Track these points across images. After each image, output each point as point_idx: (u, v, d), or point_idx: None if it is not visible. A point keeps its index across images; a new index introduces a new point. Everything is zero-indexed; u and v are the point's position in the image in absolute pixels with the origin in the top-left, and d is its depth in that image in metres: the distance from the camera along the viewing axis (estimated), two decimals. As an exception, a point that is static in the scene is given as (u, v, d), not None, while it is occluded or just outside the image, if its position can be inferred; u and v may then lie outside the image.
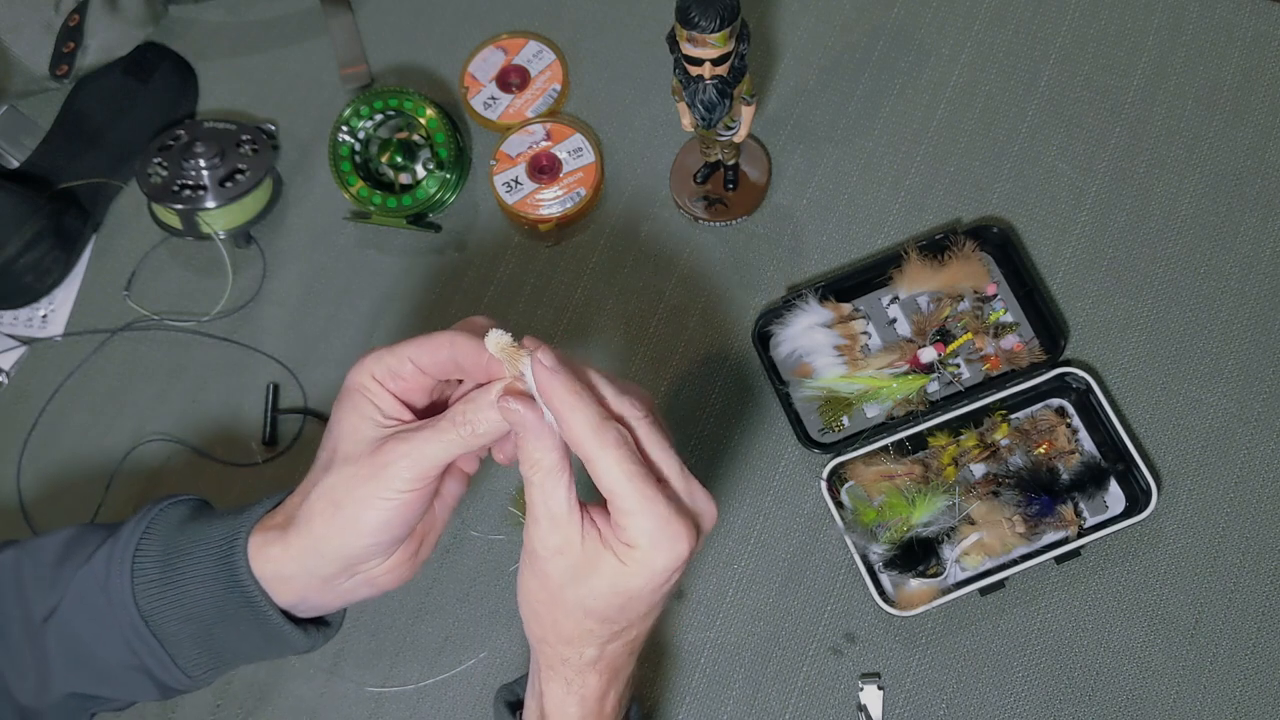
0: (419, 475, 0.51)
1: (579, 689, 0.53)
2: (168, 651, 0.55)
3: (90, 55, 0.93)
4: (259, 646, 0.56)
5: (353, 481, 0.51)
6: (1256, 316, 0.82)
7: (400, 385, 0.53)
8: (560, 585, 0.50)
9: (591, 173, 0.89)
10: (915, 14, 0.93)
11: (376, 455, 0.51)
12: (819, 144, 0.89)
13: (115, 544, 0.55)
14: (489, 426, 0.51)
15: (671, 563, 0.48)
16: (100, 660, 0.55)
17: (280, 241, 0.91)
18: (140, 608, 0.54)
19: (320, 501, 0.52)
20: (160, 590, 0.54)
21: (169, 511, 0.57)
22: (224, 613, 0.54)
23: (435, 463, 0.51)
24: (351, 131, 0.89)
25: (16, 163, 0.93)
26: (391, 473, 0.51)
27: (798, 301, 0.81)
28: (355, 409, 0.52)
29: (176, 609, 0.54)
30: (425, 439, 0.51)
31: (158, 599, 0.54)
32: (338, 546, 0.52)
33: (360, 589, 0.55)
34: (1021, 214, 0.86)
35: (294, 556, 0.53)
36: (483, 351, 0.51)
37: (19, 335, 0.89)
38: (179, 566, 0.54)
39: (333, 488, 0.52)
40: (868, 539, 0.76)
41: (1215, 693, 0.73)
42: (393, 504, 0.51)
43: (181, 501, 0.58)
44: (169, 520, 0.56)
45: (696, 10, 0.66)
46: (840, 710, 0.75)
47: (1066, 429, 0.79)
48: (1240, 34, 0.90)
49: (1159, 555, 0.77)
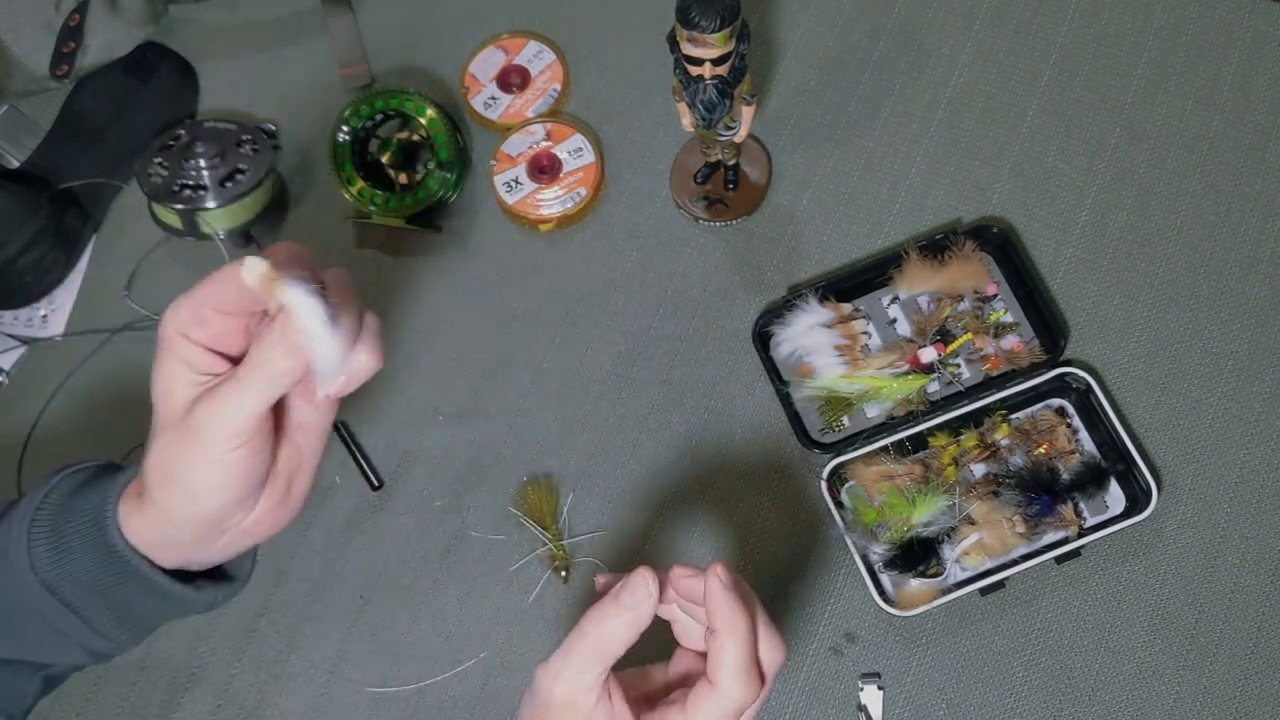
0: (237, 431, 0.48)
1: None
2: (79, 616, 0.54)
3: (90, 55, 0.93)
4: (161, 608, 0.55)
5: (174, 449, 0.49)
6: (1256, 316, 0.82)
7: (208, 333, 0.49)
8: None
9: (592, 173, 0.89)
10: (915, 14, 0.93)
11: (189, 419, 0.48)
12: (819, 144, 0.89)
13: (13, 515, 0.54)
14: (288, 363, 0.47)
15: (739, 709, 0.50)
16: (20, 627, 0.55)
17: (280, 241, 0.90)
18: (39, 576, 0.53)
19: (154, 475, 0.50)
20: (53, 560, 0.53)
21: (67, 480, 0.56)
22: (115, 578, 0.53)
23: (249, 414, 0.48)
24: (351, 131, 0.89)
25: (16, 163, 0.93)
26: (207, 435, 0.48)
27: (798, 301, 0.82)
28: (166, 368, 0.49)
29: (70, 578, 0.53)
30: (230, 392, 0.48)
31: (53, 569, 0.53)
32: (187, 514, 0.51)
33: (238, 541, 0.53)
34: (1021, 214, 0.86)
35: (153, 526, 0.52)
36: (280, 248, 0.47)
37: (19, 335, 0.89)
38: (65, 535, 0.53)
39: (160, 458, 0.50)
40: (868, 539, 0.76)
41: (1215, 693, 0.73)
42: (222, 465, 0.49)
43: (82, 468, 0.56)
44: (64, 489, 0.55)
45: (697, 10, 0.66)
46: (840, 710, 0.75)
47: (1066, 429, 0.79)
48: (1240, 34, 0.90)
49: (1159, 555, 0.77)
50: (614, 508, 0.80)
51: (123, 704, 0.77)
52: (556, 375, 0.85)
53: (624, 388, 0.84)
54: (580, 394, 0.84)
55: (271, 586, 0.80)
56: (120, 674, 0.78)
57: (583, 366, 0.85)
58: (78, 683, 0.77)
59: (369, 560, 0.80)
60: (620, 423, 0.83)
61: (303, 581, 0.80)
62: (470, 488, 0.82)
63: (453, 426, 0.84)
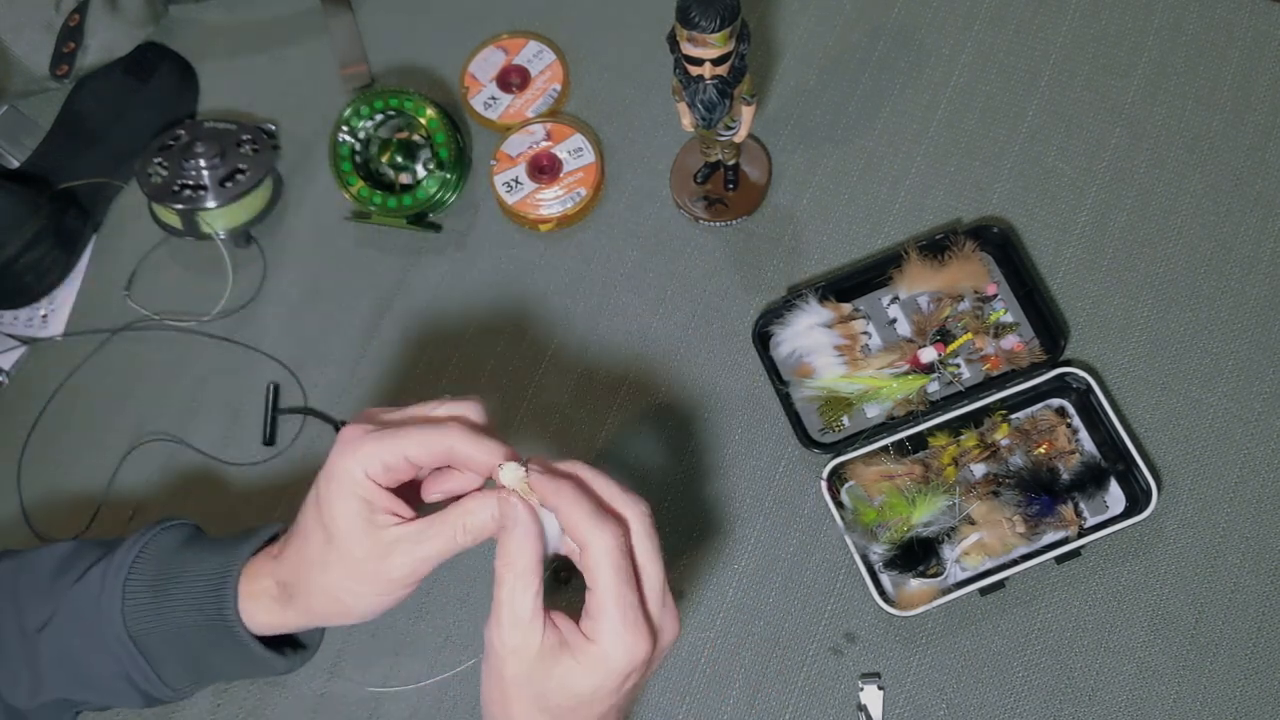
0: (418, 575, 0.53)
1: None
2: (153, 668, 0.58)
3: (90, 55, 0.93)
4: (240, 669, 0.59)
5: (355, 582, 0.54)
6: (1256, 316, 0.82)
7: (392, 477, 0.53)
8: (515, 683, 0.50)
9: (592, 173, 0.89)
10: (915, 14, 0.93)
11: (381, 565, 0.53)
12: (819, 144, 0.89)
13: (110, 564, 0.58)
14: (483, 530, 0.52)
15: (626, 664, 0.49)
16: (90, 671, 0.59)
17: (280, 241, 0.91)
18: (129, 627, 0.57)
19: (321, 596, 0.55)
20: (149, 614, 0.57)
21: (163, 536, 0.60)
22: (209, 640, 0.57)
23: (432, 564, 0.53)
24: (352, 131, 0.89)
25: (16, 163, 0.93)
26: (395, 578, 0.53)
27: (798, 301, 0.81)
28: (349, 502, 0.52)
29: (163, 632, 0.57)
30: (427, 543, 0.52)
31: (146, 621, 0.57)
32: (332, 620, 0.57)
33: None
34: (1021, 214, 0.86)
35: (288, 622, 0.57)
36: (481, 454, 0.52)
37: (19, 335, 0.89)
38: (169, 593, 0.57)
39: (334, 586, 0.54)
40: (868, 539, 0.76)
41: (1215, 693, 0.73)
42: (391, 598, 0.55)
43: (176, 526, 0.61)
44: (163, 545, 0.59)
45: (697, 10, 0.66)
46: (840, 710, 0.75)
47: (1066, 429, 0.79)
48: (1240, 34, 0.90)
49: (1159, 555, 0.77)
50: (614, 508, 0.80)
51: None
52: (557, 375, 0.85)
53: (624, 388, 0.84)
54: (580, 394, 0.84)
55: (271, 586, 0.80)
56: (120, 674, 0.78)
57: (583, 367, 0.85)
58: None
59: (369, 560, 0.80)
60: (620, 423, 0.83)
61: (303, 581, 0.80)
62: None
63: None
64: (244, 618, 0.56)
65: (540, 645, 0.49)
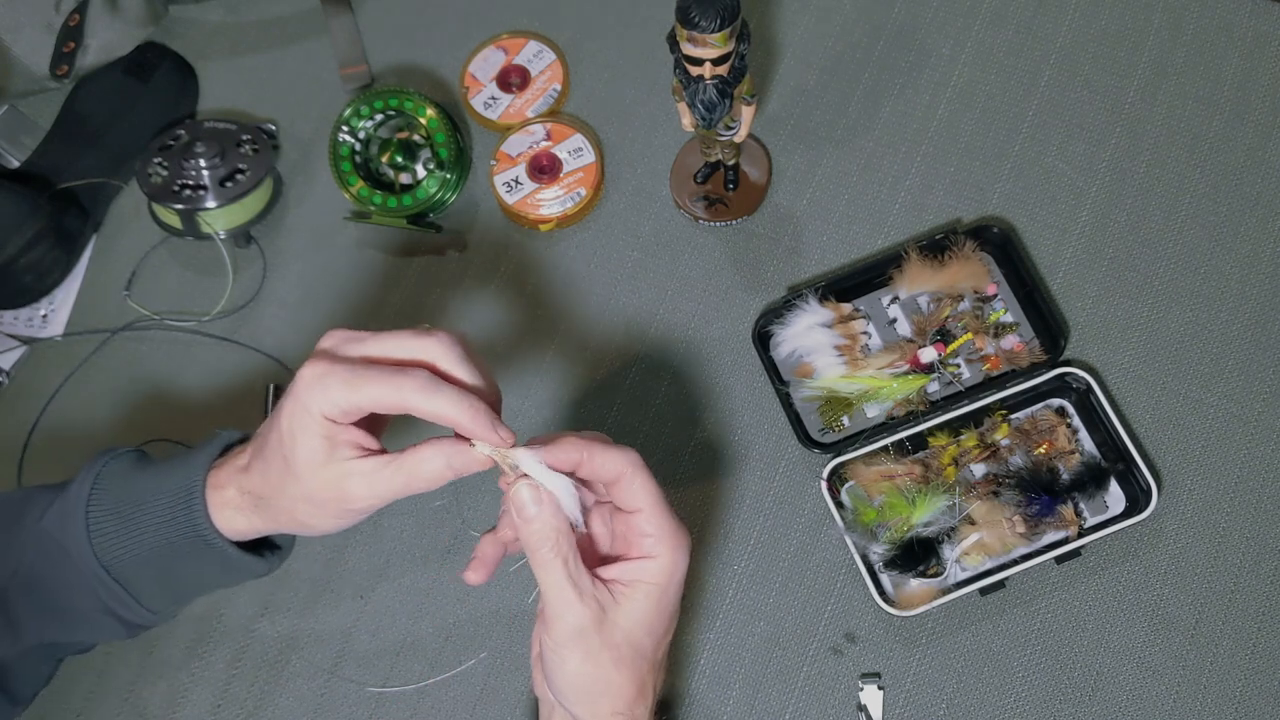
0: (376, 506, 0.56)
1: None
2: (130, 594, 0.59)
3: (90, 55, 0.93)
4: (219, 577, 0.61)
5: (314, 505, 0.55)
6: (1256, 316, 0.82)
7: (351, 419, 0.54)
8: (610, 644, 0.53)
9: (592, 173, 0.89)
10: (915, 14, 0.93)
11: (338, 494, 0.54)
12: (819, 144, 0.89)
13: (66, 501, 0.59)
14: (437, 477, 0.54)
15: (685, 563, 0.55)
16: (70, 609, 0.59)
17: (280, 241, 0.91)
18: (100, 558, 0.57)
19: (283, 513, 0.56)
20: (119, 541, 0.58)
21: (113, 464, 0.60)
22: (185, 554, 0.58)
23: (390, 499, 0.55)
24: (351, 131, 0.89)
25: (16, 163, 0.93)
26: (353, 509, 0.56)
27: (798, 301, 0.82)
28: (309, 438, 0.54)
29: (136, 557, 0.58)
30: (383, 483, 0.54)
31: (116, 549, 0.58)
32: (295, 531, 0.59)
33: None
34: (1021, 214, 0.86)
35: (257, 527, 0.58)
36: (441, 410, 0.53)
37: (19, 335, 0.89)
38: (136, 518, 0.58)
39: (294, 507, 0.56)
40: (868, 539, 0.76)
41: (1215, 693, 0.73)
42: (347, 520, 0.57)
43: (122, 453, 0.61)
44: (115, 472, 0.60)
45: (696, 10, 0.66)
46: (840, 710, 0.75)
47: (1066, 429, 0.79)
48: (1240, 34, 0.90)
49: (1159, 555, 0.77)
50: (614, 508, 0.80)
51: (123, 704, 0.77)
52: (556, 375, 0.85)
53: (624, 388, 0.84)
54: (580, 394, 0.84)
55: (272, 587, 0.79)
56: (120, 675, 0.78)
57: (583, 367, 0.85)
58: (78, 683, 0.77)
59: (369, 560, 0.80)
60: (620, 423, 0.83)
61: (303, 581, 0.80)
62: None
63: (453, 426, 0.84)
64: (216, 525, 0.57)
65: (613, 598, 0.54)
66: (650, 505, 0.55)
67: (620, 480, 0.55)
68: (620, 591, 0.54)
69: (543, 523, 0.52)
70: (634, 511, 0.55)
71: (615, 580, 0.55)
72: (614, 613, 0.53)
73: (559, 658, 0.53)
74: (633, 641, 0.54)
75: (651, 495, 0.55)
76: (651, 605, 0.54)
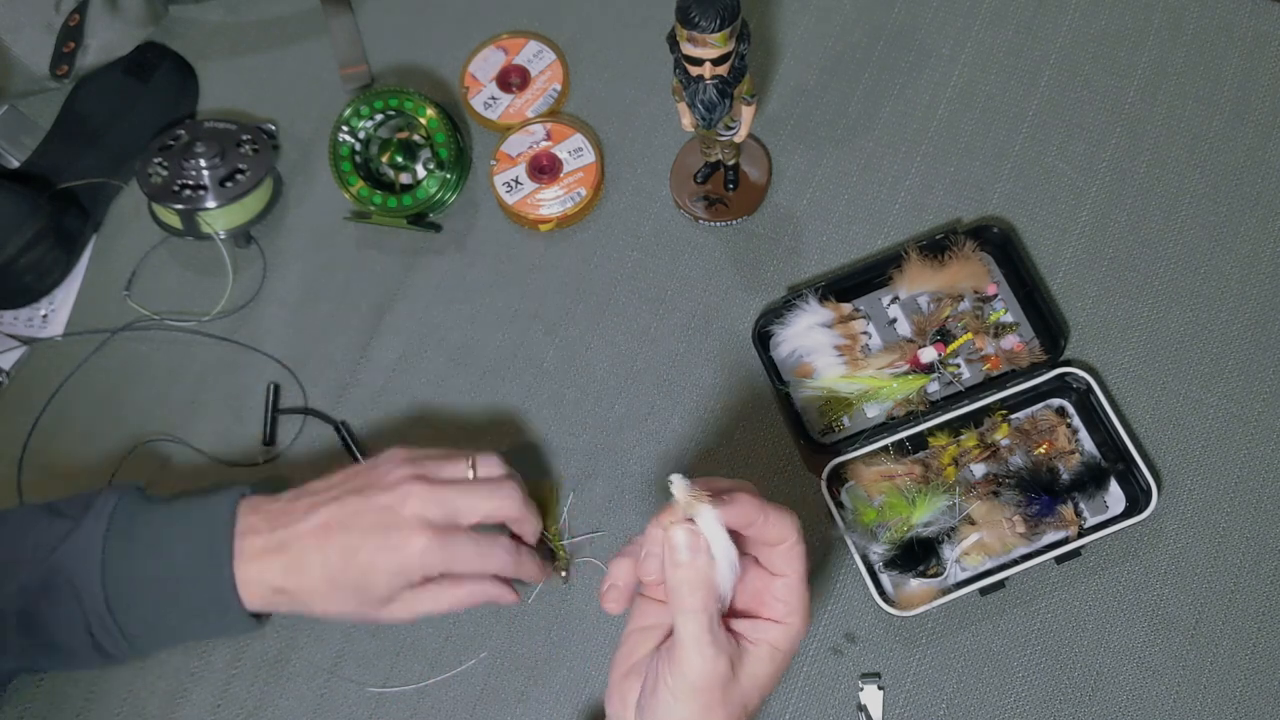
0: (404, 621, 0.67)
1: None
2: (126, 637, 0.61)
3: (90, 55, 0.93)
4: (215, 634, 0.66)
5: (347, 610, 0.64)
6: (1256, 316, 0.82)
7: None
8: (728, 701, 0.53)
9: (592, 173, 0.89)
10: (915, 14, 0.93)
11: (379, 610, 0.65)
12: (819, 144, 0.89)
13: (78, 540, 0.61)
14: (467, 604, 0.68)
15: (806, 630, 0.56)
16: (60, 644, 0.62)
17: (280, 241, 0.91)
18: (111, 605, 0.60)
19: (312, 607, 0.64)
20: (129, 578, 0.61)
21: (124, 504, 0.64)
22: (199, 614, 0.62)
23: (421, 617, 0.66)
24: (351, 131, 0.89)
25: (16, 163, 0.93)
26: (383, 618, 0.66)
27: (798, 301, 0.82)
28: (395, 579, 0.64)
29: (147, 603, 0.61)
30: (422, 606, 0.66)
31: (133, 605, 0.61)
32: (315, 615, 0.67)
33: None
34: (1021, 214, 0.86)
35: (278, 610, 0.65)
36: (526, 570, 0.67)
37: (19, 335, 0.89)
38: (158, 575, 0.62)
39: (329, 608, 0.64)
40: (868, 539, 0.76)
41: (1215, 693, 0.73)
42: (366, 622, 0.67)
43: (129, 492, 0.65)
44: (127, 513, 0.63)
45: (696, 10, 0.66)
46: (840, 710, 0.75)
47: (1066, 429, 0.79)
48: (1240, 34, 0.90)
49: (1159, 555, 0.77)
50: (614, 508, 0.80)
51: (123, 704, 0.77)
52: (556, 375, 0.85)
53: (624, 388, 0.84)
54: (580, 394, 0.84)
55: (271, 586, 0.80)
56: (120, 675, 0.78)
57: (583, 367, 0.85)
58: (78, 683, 0.77)
59: (369, 560, 0.80)
60: (620, 423, 0.83)
61: (303, 581, 0.80)
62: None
63: (453, 426, 0.84)
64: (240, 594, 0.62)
65: (728, 664, 0.53)
66: (798, 575, 0.55)
67: (781, 546, 0.54)
68: (746, 649, 0.54)
69: (695, 571, 0.52)
70: (779, 575, 0.55)
71: (743, 636, 0.55)
72: (738, 670, 0.53)
73: (674, 700, 0.52)
74: (745, 700, 0.54)
75: (803, 566, 0.55)
76: (773, 669, 0.55)
